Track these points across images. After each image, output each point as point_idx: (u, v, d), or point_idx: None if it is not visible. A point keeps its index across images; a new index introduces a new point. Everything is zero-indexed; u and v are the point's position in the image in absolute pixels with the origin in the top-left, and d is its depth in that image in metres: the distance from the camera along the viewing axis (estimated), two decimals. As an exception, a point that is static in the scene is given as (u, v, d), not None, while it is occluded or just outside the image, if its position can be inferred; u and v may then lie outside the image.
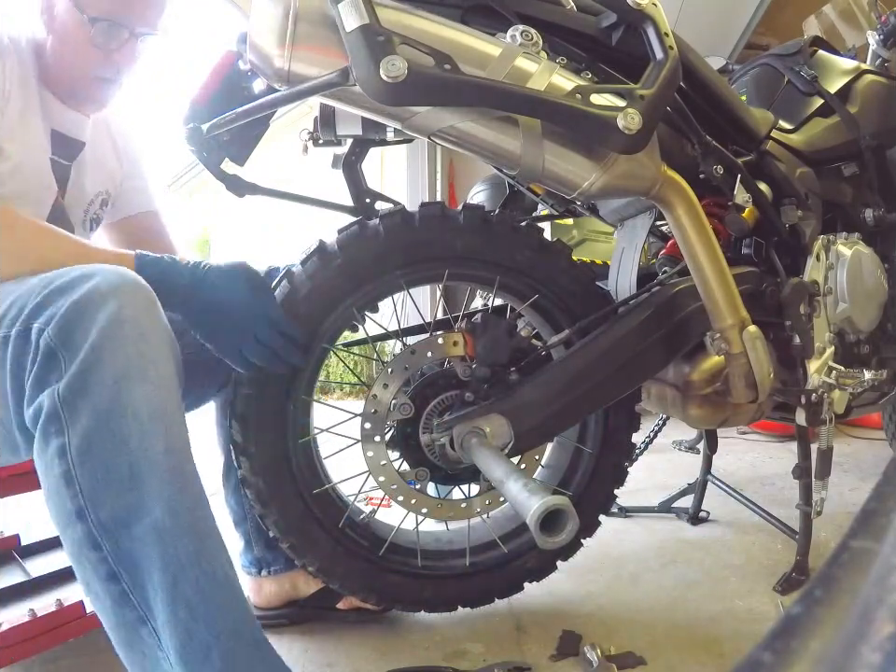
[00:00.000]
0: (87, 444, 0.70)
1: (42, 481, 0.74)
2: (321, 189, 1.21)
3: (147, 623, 0.70)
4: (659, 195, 0.96)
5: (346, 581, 1.13)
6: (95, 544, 0.70)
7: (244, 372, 0.98)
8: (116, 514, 0.70)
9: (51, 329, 0.73)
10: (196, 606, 0.70)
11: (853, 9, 1.86)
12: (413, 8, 0.84)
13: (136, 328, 0.75)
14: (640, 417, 1.21)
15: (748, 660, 0.20)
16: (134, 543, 0.70)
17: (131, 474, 0.71)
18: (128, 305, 0.75)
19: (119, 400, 0.72)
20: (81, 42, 1.07)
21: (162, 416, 0.74)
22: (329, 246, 1.03)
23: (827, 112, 1.37)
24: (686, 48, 1.04)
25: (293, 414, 1.06)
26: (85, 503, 0.70)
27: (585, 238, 2.83)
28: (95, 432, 0.71)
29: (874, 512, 0.26)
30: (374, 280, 1.04)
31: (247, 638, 0.73)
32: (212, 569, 0.72)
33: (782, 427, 2.48)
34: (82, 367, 0.72)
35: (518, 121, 0.86)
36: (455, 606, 1.20)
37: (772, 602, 1.27)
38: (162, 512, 0.70)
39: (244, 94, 0.97)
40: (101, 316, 0.73)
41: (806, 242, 1.22)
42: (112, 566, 0.70)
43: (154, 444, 0.72)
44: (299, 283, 1.01)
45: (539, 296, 1.11)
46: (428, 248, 1.06)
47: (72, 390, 0.72)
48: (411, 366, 1.07)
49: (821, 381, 1.17)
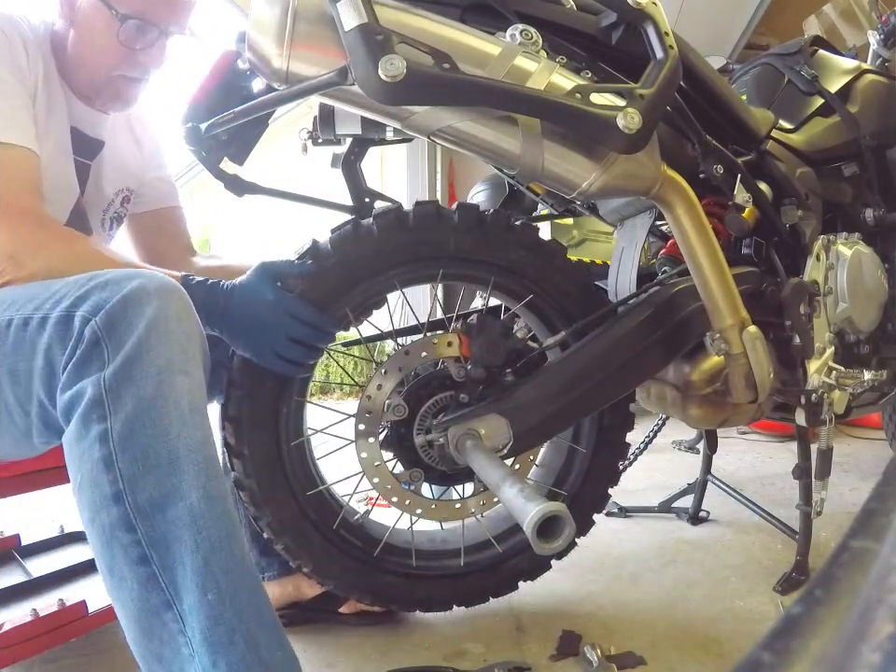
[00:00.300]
0: (129, 430, 0.73)
1: (75, 466, 0.75)
2: (321, 189, 1.21)
3: (173, 606, 0.71)
4: (659, 195, 0.96)
5: (341, 581, 1.12)
6: (130, 526, 0.72)
7: (291, 375, 1.02)
8: (153, 498, 0.72)
9: (99, 318, 0.76)
10: (225, 588, 0.71)
11: (853, 9, 1.86)
12: (412, 7, 0.84)
13: (180, 327, 0.79)
14: (634, 417, 1.21)
15: (748, 660, 0.20)
16: (169, 526, 0.71)
17: (170, 460, 0.73)
18: (171, 306, 0.79)
19: (162, 391, 0.74)
20: (107, 40, 1.04)
21: (200, 409, 0.78)
22: (323, 246, 1.03)
23: (827, 112, 1.37)
24: (686, 47, 1.04)
25: (287, 416, 1.05)
26: (124, 486, 0.72)
27: (585, 238, 2.84)
28: (138, 419, 0.73)
29: (874, 512, 0.26)
30: (368, 280, 1.04)
31: (269, 622, 0.75)
32: (241, 553, 0.74)
33: (782, 427, 2.48)
34: (129, 357, 0.74)
35: (518, 121, 0.86)
36: (449, 606, 1.19)
37: (772, 602, 1.27)
38: (198, 497, 0.72)
39: (242, 94, 0.97)
40: (148, 312, 0.76)
41: (806, 242, 1.22)
42: (144, 548, 0.71)
43: (193, 434, 0.75)
44: (292, 282, 1.01)
45: (533, 296, 1.10)
46: (423, 248, 1.05)
47: (118, 378, 0.74)
48: (405, 367, 1.06)
49: (821, 381, 1.17)
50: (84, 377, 0.75)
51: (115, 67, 1.08)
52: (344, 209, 1.23)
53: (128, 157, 1.25)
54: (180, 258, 1.32)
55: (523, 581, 1.22)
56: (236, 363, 1.01)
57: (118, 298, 0.76)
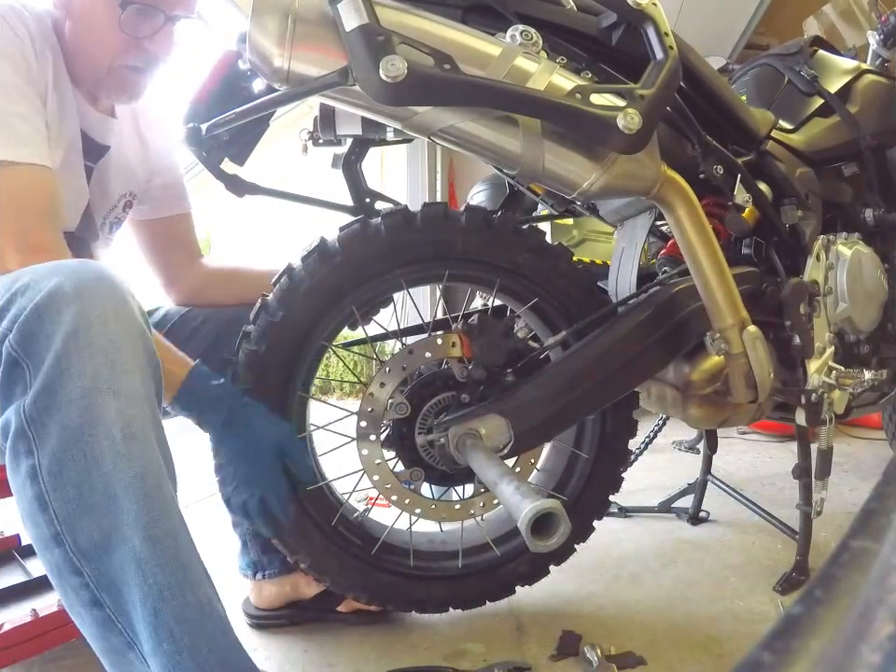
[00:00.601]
0: (58, 466, 0.65)
1: (17, 501, 0.68)
2: (321, 189, 1.21)
3: (135, 647, 0.66)
4: (659, 195, 0.96)
5: (338, 578, 1.12)
6: (76, 570, 0.66)
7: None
8: (94, 540, 0.65)
9: (13, 335, 0.67)
10: (180, 638, 0.65)
11: (853, 9, 1.86)
12: (413, 8, 0.84)
13: (104, 332, 0.67)
14: (637, 423, 1.21)
15: (748, 660, 0.20)
16: (116, 570, 0.65)
17: (106, 498, 0.65)
18: (94, 306, 0.67)
19: (90, 417, 0.65)
20: (107, 27, 0.96)
21: (137, 434, 0.68)
22: (331, 244, 1.03)
23: (827, 112, 1.37)
24: (686, 48, 1.04)
25: (290, 411, 1.05)
26: (61, 528, 0.65)
27: (585, 238, 2.83)
28: (65, 453, 0.65)
29: (874, 512, 0.26)
30: (375, 278, 1.04)
31: (236, 668, 0.69)
32: (196, 599, 0.67)
33: (782, 427, 2.48)
34: (48, 379, 0.65)
35: (518, 121, 0.86)
36: (446, 607, 1.19)
37: (772, 602, 1.27)
38: (141, 541, 0.65)
39: (243, 94, 0.97)
40: (65, 319, 0.66)
41: (806, 242, 1.22)
42: (94, 592, 0.66)
43: (129, 466, 0.66)
44: (298, 279, 1.01)
45: (538, 299, 1.10)
46: (430, 248, 1.05)
47: (38, 407, 0.65)
48: (408, 366, 1.07)
49: (821, 381, 1.17)
50: (10, 403, 0.67)
51: (117, 57, 1.00)
52: (345, 209, 1.23)
53: (133, 160, 1.20)
54: (189, 263, 1.30)
55: (520, 585, 1.21)
56: (242, 357, 1.01)
57: (31, 306, 0.66)
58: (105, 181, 1.15)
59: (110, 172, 1.16)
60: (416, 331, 1.26)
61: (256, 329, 1.02)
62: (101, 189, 1.15)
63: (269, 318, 1.01)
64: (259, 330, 1.02)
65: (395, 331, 1.17)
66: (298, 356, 1.04)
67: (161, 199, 1.27)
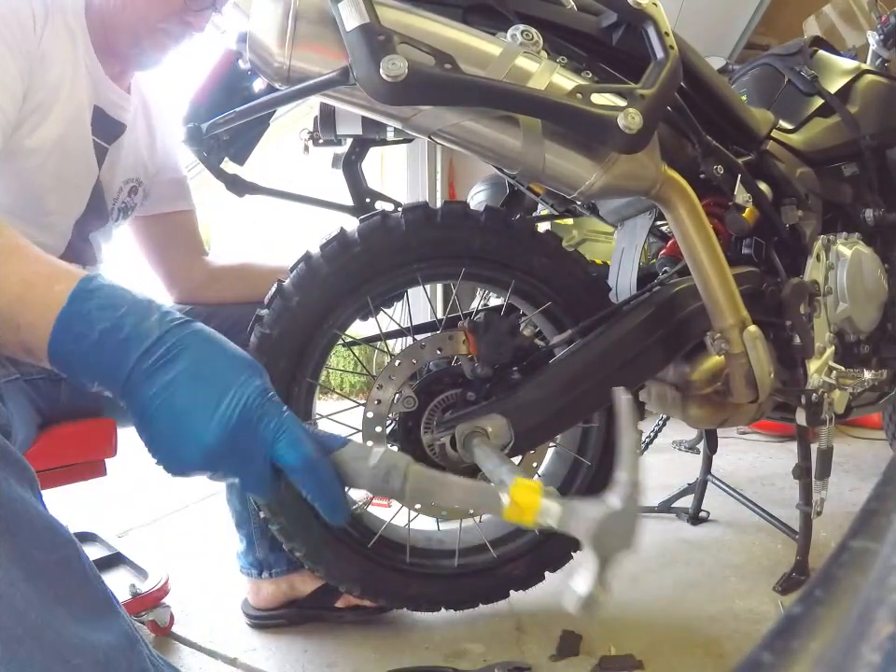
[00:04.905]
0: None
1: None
2: (321, 189, 1.21)
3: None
4: (659, 195, 0.96)
5: (332, 568, 1.12)
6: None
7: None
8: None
9: None
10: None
11: (853, 9, 1.86)
12: (414, 7, 0.84)
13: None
14: (642, 434, 1.21)
15: (748, 660, 0.20)
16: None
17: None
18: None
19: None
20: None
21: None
22: (350, 234, 1.03)
23: (827, 112, 1.37)
24: (686, 47, 1.04)
25: (298, 397, 1.05)
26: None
27: (585, 238, 2.83)
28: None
29: (874, 512, 0.26)
30: (392, 271, 1.04)
31: None
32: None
33: (782, 427, 2.48)
34: None
35: (519, 121, 0.86)
36: (438, 606, 1.19)
37: (772, 602, 1.27)
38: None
39: (243, 94, 0.97)
40: None
41: (806, 242, 1.22)
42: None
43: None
44: (317, 265, 1.01)
45: (551, 304, 1.10)
46: (448, 246, 1.06)
47: None
48: (418, 360, 1.06)
49: (821, 381, 1.17)
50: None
51: (164, 18, 1.03)
52: (345, 209, 1.23)
53: (143, 147, 1.21)
54: (191, 261, 1.30)
55: (514, 589, 1.21)
56: (254, 340, 1.01)
57: None
58: (116, 163, 1.14)
59: (123, 153, 1.15)
60: (428, 328, 1.25)
61: (270, 313, 1.01)
62: (111, 170, 1.14)
63: (284, 302, 1.01)
64: (273, 314, 1.01)
65: (407, 328, 1.17)
66: (310, 342, 1.03)
67: (164, 194, 1.27)
